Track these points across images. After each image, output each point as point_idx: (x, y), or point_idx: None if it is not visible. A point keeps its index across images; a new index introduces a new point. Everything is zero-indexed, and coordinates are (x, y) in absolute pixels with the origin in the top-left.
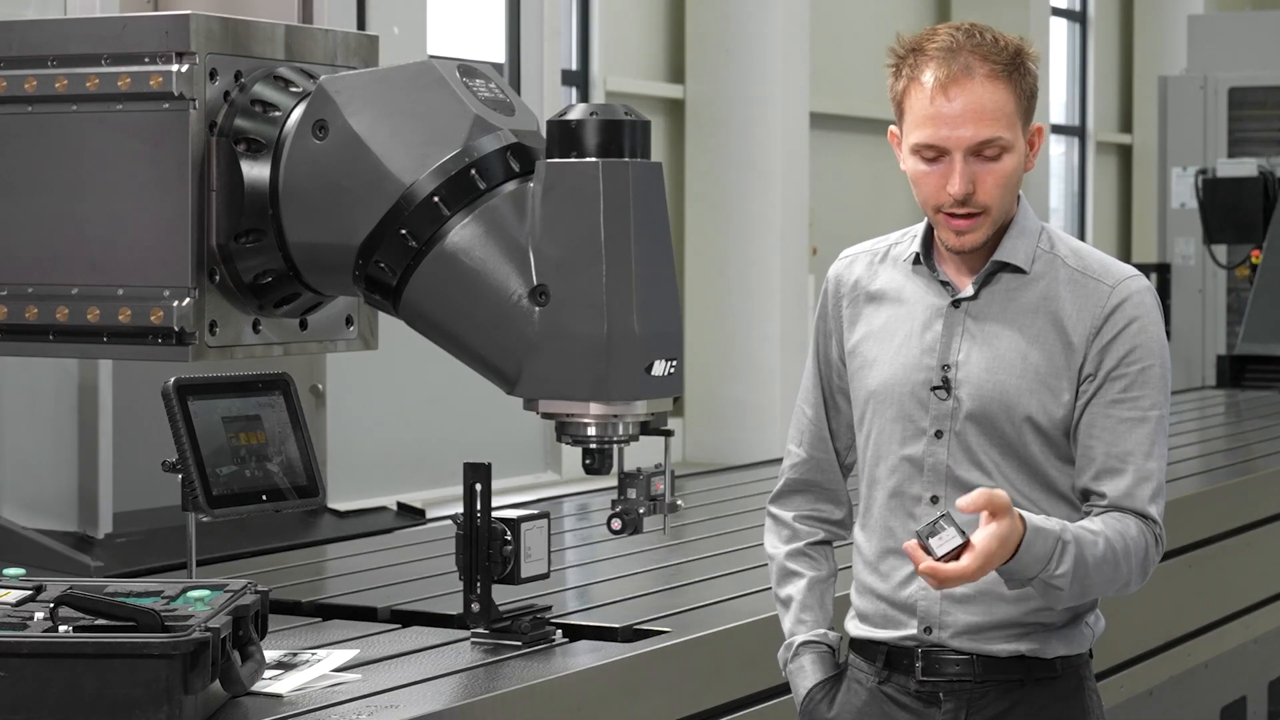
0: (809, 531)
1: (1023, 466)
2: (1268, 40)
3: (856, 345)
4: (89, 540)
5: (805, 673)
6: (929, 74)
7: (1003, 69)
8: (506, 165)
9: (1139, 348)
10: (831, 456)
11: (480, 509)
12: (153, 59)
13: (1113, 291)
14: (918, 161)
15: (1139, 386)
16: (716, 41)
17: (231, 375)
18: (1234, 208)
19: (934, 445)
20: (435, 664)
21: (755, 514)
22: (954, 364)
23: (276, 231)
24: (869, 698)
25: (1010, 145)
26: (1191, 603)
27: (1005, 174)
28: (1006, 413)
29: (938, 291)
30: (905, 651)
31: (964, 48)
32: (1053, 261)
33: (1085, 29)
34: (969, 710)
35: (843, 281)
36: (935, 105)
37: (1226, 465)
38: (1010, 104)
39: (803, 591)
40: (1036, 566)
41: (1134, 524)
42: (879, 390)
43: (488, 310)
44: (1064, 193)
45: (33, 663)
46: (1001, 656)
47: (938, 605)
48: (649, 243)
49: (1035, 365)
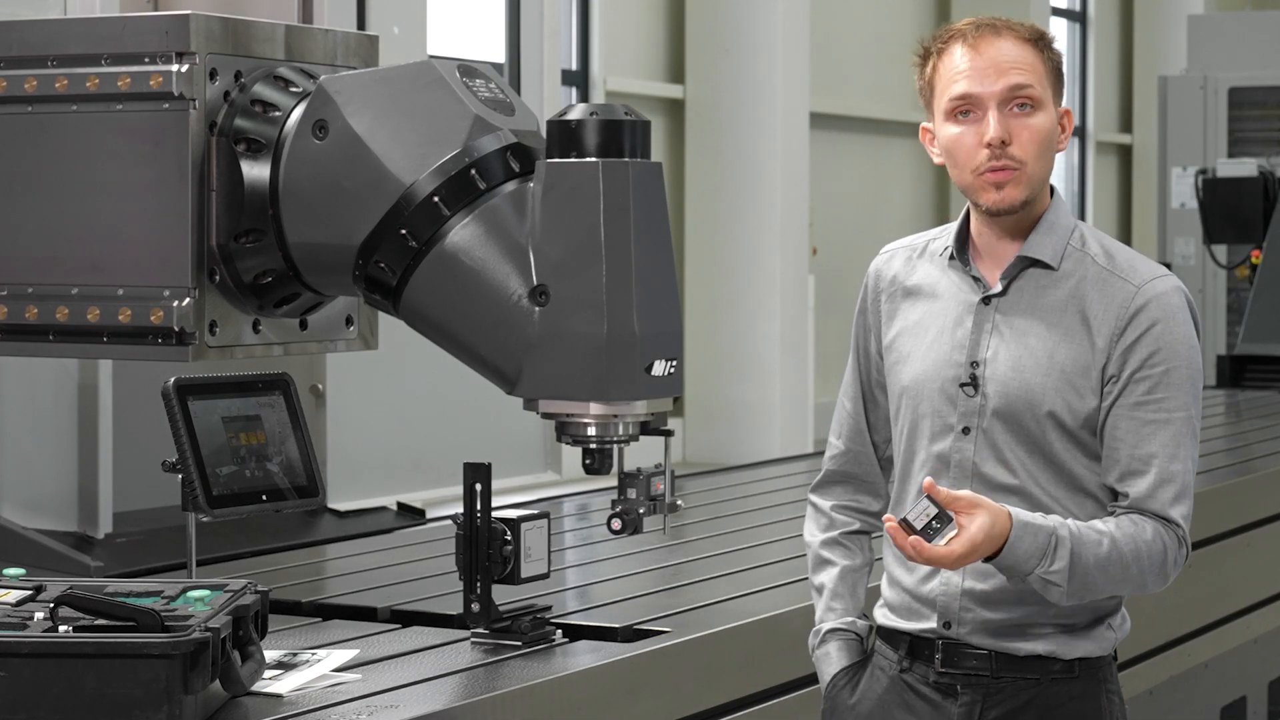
0: (845, 521)
1: (1048, 465)
2: (1268, 40)
3: (893, 340)
4: (89, 540)
5: (830, 659)
6: (957, 45)
7: (1029, 36)
8: (506, 165)
9: (1163, 349)
10: (869, 450)
11: (480, 509)
12: (153, 59)
13: (1138, 292)
14: (952, 125)
15: (1163, 388)
16: (716, 41)
17: (231, 375)
18: (1234, 208)
19: (961, 441)
20: (435, 664)
21: (755, 514)
22: (982, 361)
23: (276, 231)
24: (890, 685)
25: (1042, 101)
26: (1191, 603)
27: (1040, 129)
28: (1031, 410)
29: (970, 287)
30: (926, 642)
31: (987, 22)
32: (1083, 259)
33: (1085, 29)
34: (985, 704)
35: (882, 276)
36: (966, 61)
37: (1226, 465)
38: (1039, 65)
39: (835, 580)
40: (1030, 563)
41: (1150, 526)
42: (911, 386)
43: (488, 310)
44: (1064, 193)
45: (33, 663)
46: (1019, 655)
47: (957, 601)
48: (649, 243)
49: (1061, 363)
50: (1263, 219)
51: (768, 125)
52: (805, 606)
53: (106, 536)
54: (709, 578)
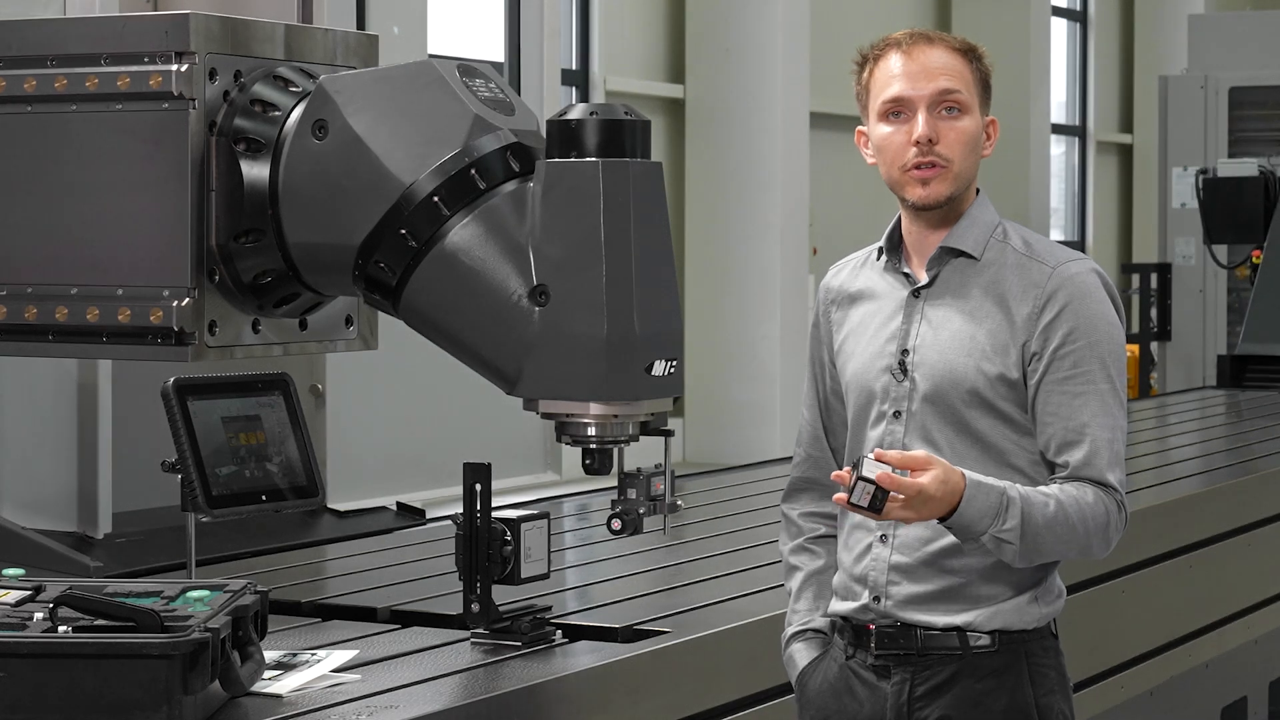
0: (811, 527)
1: (975, 443)
2: (1268, 40)
3: (841, 343)
4: (88, 540)
5: (793, 661)
6: (891, 51)
7: (959, 47)
8: (506, 165)
9: (1080, 326)
10: (828, 454)
11: (480, 509)
12: (152, 59)
13: (1053, 273)
14: (884, 125)
15: (1085, 362)
16: (716, 41)
17: (231, 375)
18: (1234, 208)
19: (893, 425)
20: (435, 664)
21: (755, 514)
22: (911, 349)
23: (276, 231)
24: (839, 671)
25: (969, 106)
26: (1192, 603)
27: (966, 131)
28: (955, 388)
29: (902, 284)
30: (864, 627)
31: (920, 33)
32: (1003, 250)
33: (1085, 29)
34: (913, 681)
35: (829, 289)
36: (900, 66)
37: (1227, 465)
38: (968, 74)
39: (798, 584)
40: (984, 521)
41: (1091, 490)
42: (852, 380)
43: (487, 310)
44: (1064, 193)
45: (32, 663)
46: (939, 628)
47: (884, 576)
48: (649, 243)
49: (981, 344)
50: (1263, 219)
51: (768, 125)
52: None
53: (106, 537)
54: (709, 578)
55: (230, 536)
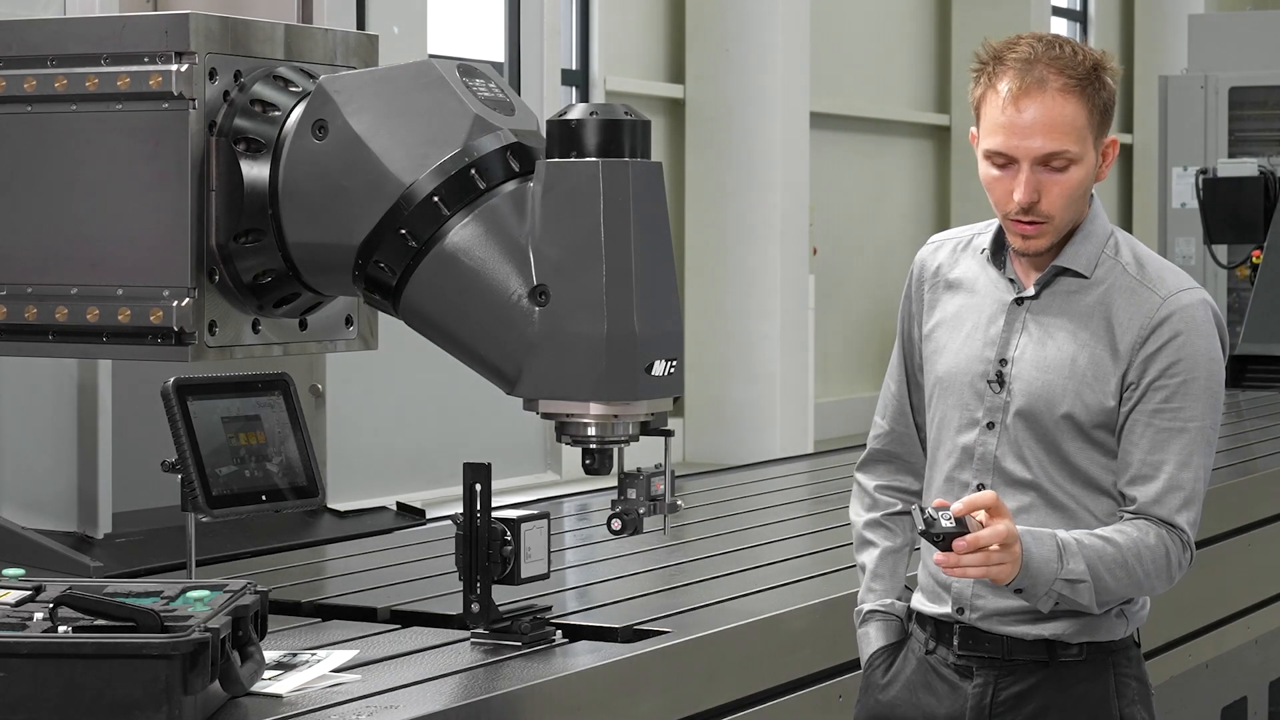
0: (888, 502)
1: (1064, 464)
2: (1268, 40)
3: (932, 330)
4: (88, 540)
5: (869, 639)
6: (1004, 84)
7: (1077, 83)
8: (506, 165)
9: (1183, 360)
10: (912, 431)
11: (480, 509)
12: (152, 59)
13: (1163, 303)
14: (989, 167)
15: (1180, 398)
16: (716, 41)
17: (231, 375)
18: (1234, 208)
19: (985, 435)
20: (435, 664)
21: (755, 514)
22: (1010, 359)
23: (276, 231)
24: (917, 666)
25: (1078, 158)
26: (1192, 603)
27: (1070, 185)
28: (1049, 410)
29: (1005, 287)
30: (948, 625)
31: (1041, 59)
32: (1114, 267)
33: (1085, 29)
34: (996, 685)
35: (926, 267)
36: (1007, 114)
37: (1227, 465)
38: (1082, 118)
39: (875, 561)
40: (1050, 565)
41: (1154, 531)
42: (944, 377)
43: (487, 310)
44: None
45: (32, 663)
46: (1027, 639)
47: (969, 589)
48: (649, 243)
49: (1082, 368)
50: (1263, 219)
51: (768, 125)
52: (805, 607)
53: (106, 537)
54: (709, 578)
55: (230, 536)
